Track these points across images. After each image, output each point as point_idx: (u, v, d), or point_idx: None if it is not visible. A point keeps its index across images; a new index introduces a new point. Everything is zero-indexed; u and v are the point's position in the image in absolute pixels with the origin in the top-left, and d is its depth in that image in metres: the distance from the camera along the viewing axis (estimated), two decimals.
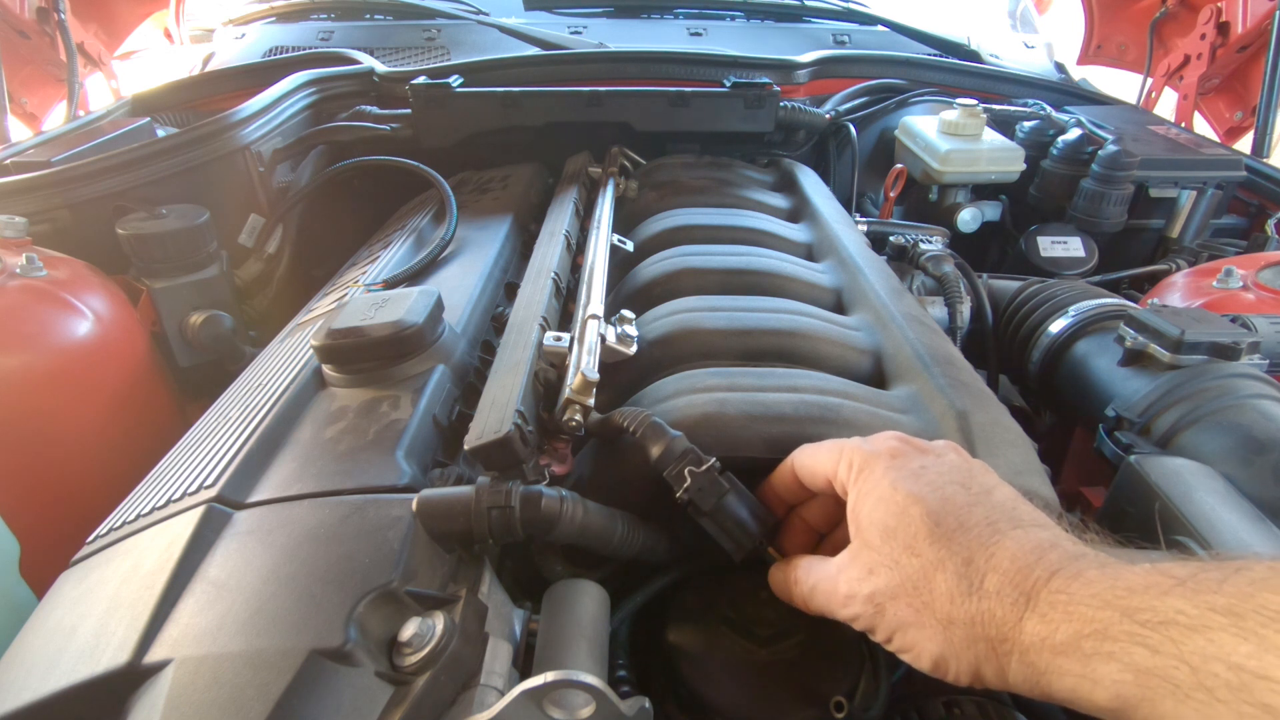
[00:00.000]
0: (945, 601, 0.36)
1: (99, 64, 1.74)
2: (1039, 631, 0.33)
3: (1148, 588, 0.31)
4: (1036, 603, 0.33)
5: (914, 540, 0.38)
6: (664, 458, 0.48)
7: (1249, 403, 0.63)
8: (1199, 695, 0.28)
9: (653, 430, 0.49)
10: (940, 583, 0.36)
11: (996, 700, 0.47)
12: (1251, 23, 1.49)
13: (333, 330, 0.60)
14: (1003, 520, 0.38)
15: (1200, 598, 0.29)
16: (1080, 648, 0.31)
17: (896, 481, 0.40)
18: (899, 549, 0.38)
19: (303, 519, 0.45)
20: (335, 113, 1.30)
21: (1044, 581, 0.34)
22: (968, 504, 0.39)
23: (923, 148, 1.29)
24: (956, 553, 0.37)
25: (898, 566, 0.38)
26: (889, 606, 0.38)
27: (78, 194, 0.99)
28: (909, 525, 0.38)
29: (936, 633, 0.36)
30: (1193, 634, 0.29)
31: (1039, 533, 0.37)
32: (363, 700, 0.35)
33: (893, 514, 0.39)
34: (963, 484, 0.40)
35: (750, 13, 1.88)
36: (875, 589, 0.39)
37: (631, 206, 1.05)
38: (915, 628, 0.37)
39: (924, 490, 0.40)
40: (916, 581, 0.37)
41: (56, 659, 0.39)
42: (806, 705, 0.46)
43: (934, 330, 0.71)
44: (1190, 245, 1.23)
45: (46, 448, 0.78)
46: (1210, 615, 0.29)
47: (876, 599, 0.39)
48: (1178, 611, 0.29)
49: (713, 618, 0.50)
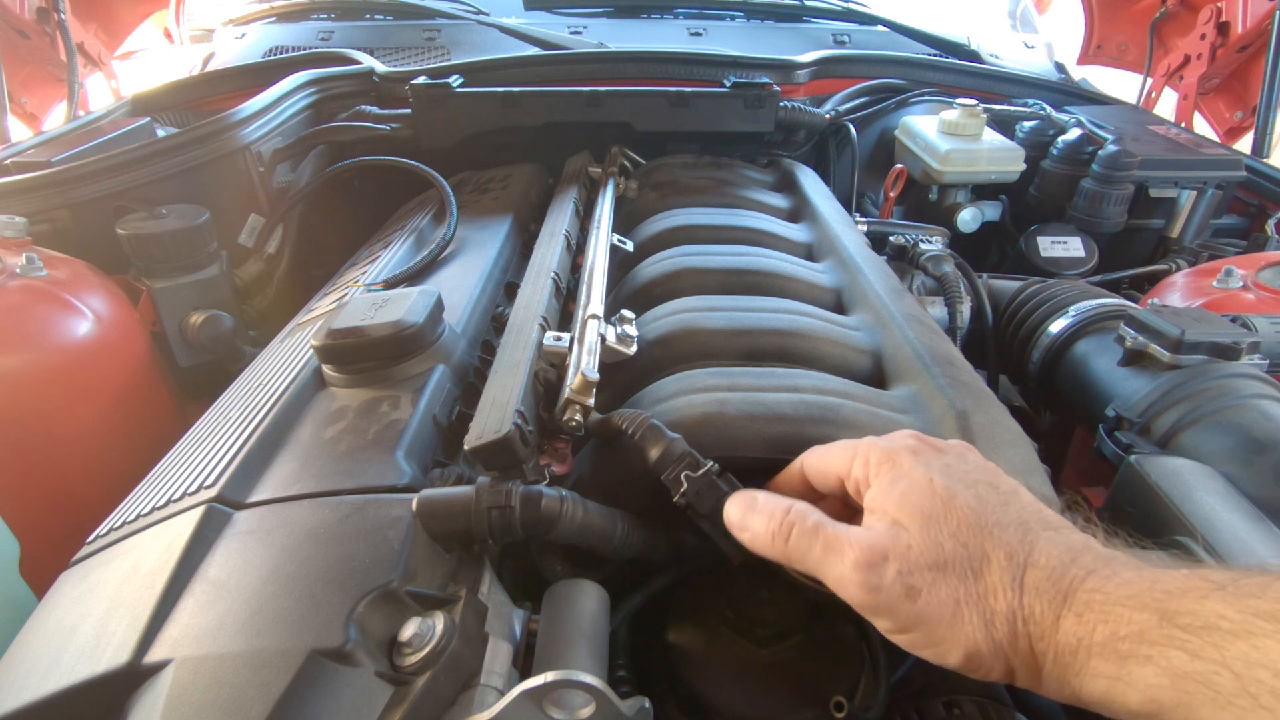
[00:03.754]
0: (992, 595, 0.35)
1: (99, 64, 1.74)
2: (1075, 631, 0.32)
3: (1186, 591, 0.31)
4: (1073, 602, 0.33)
5: (959, 529, 0.37)
6: (662, 461, 0.48)
7: (1249, 403, 0.63)
8: (1241, 701, 0.27)
9: (651, 433, 0.49)
10: (990, 575, 0.35)
11: (996, 700, 0.47)
12: (1251, 23, 1.50)
13: (333, 330, 0.60)
14: (1034, 521, 0.37)
15: (1243, 603, 0.29)
16: (1116, 649, 0.31)
17: (931, 472, 0.39)
18: (944, 534, 0.37)
19: (303, 519, 0.45)
20: (335, 113, 1.30)
21: (1080, 580, 0.33)
22: (1000, 503, 0.38)
23: (923, 148, 1.29)
24: (999, 547, 0.36)
25: (941, 550, 0.36)
26: (925, 592, 0.36)
27: (78, 194, 0.99)
28: (952, 514, 0.37)
29: (976, 627, 0.35)
30: (1236, 639, 0.28)
31: (1071, 534, 0.36)
32: (363, 700, 0.35)
33: (930, 500, 0.38)
34: (991, 484, 0.40)
35: (750, 13, 1.88)
36: (910, 567, 0.36)
37: (631, 206, 1.05)
38: (951, 623, 0.35)
39: (958, 484, 0.39)
40: (962, 571, 0.36)
41: (56, 659, 0.39)
42: (806, 705, 0.46)
43: (934, 330, 0.70)
44: (1190, 245, 1.23)
45: (46, 448, 0.78)
46: (1255, 621, 0.28)
47: (908, 579, 0.36)
48: (1220, 616, 0.29)
49: (713, 618, 0.50)
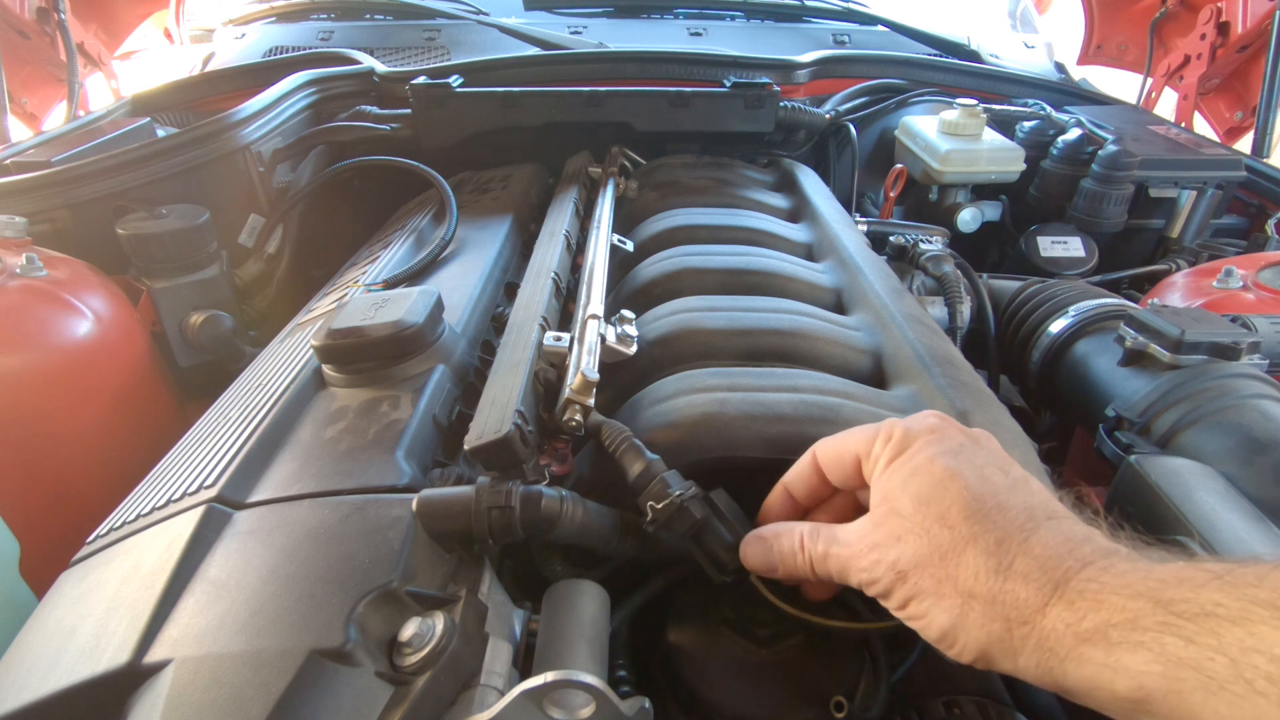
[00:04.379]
0: (970, 576, 0.36)
1: (99, 64, 1.74)
2: (1064, 617, 0.33)
3: (1182, 581, 0.31)
4: (1065, 590, 0.33)
5: (948, 512, 0.38)
6: (636, 483, 0.48)
7: (1249, 403, 0.63)
8: (1235, 687, 0.27)
9: (630, 452, 0.49)
10: (970, 557, 0.36)
11: (996, 700, 0.47)
12: (1251, 23, 1.50)
13: (333, 330, 0.60)
14: (1040, 509, 0.38)
15: (1240, 591, 0.29)
16: (1107, 636, 0.31)
17: (936, 456, 0.40)
18: (931, 518, 0.38)
19: (303, 519, 0.45)
20: (335, 113, 1.30)
21: (1075, 571, 0.34)
22: (1007, 488, 0.39)
23: (923, 148, 1.29)
24: (990, 531, 0.36)
25: (928, 535, 0.38)
26: (911, 574, 0.38)
27: (78, 194, 0.99)
28: (945, 497, 0.38)
29: (953, 605, 0.36)
30: (1233, 626, 0.28)
31: (1074, 525, 0.37)
32: (363, 700, 0.35)
33: (929, 485, 0.39)
34: (1002, 469, 0.40)
35: (750, 13, 1.88)
36: (900, 555, 0.38)
37: (631, 206, 1.05)
38: (933, 597, 0.37)
39: (963, 467, 0.39)
40: (945, 552, 0.37)
41: (56, 659, 0.39)
42: (806, 705, 0.46)
43: (934, 330, 0.70)
44: (1190, 245, 1.23)
45: (46, 448, 0.78)
46: (1252, 608, 0.28)
47: (900, 565, 0.38)
48: (1216, 604, 0.29)
49: (713, 618, 0.50)
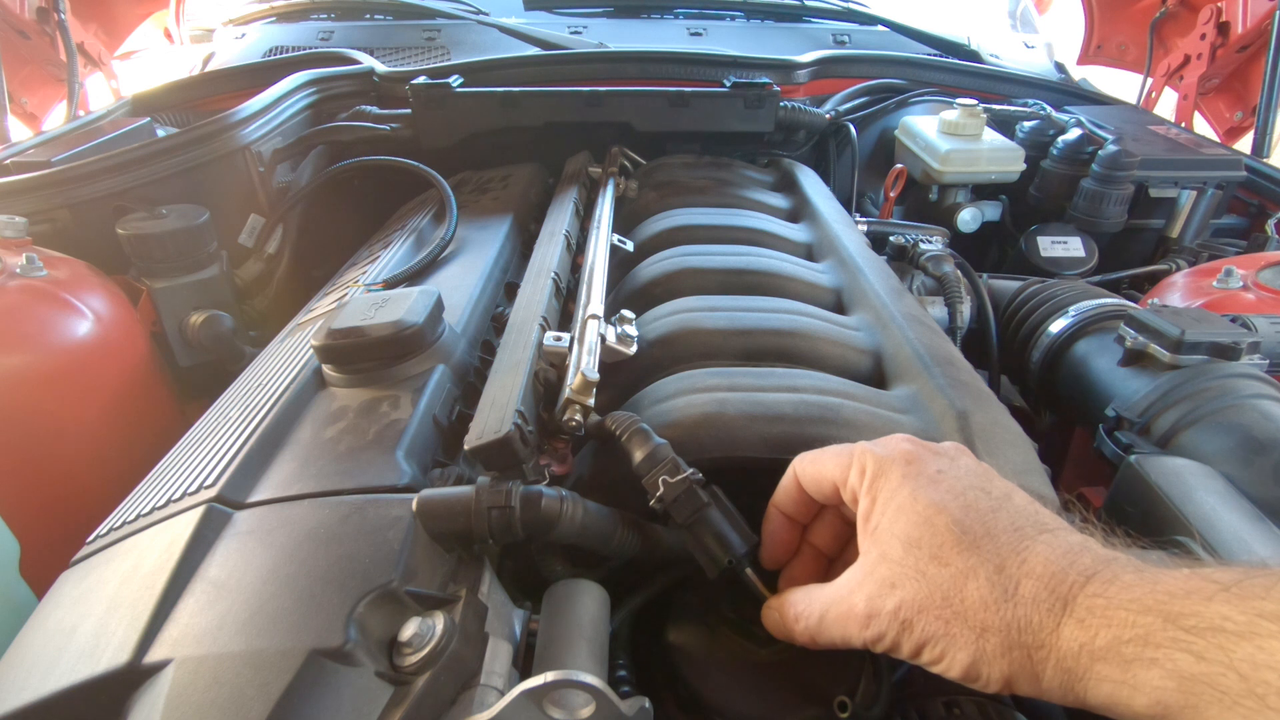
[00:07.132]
0: (978, 609, 0.35)
1: (99, 64, 1.74)
2: (1077, 637, 0.32)
3: (1189, 593, 0.30)
4: (1074, 608, 0.33)
5: (940, 549, 0.37)
6: (644, 464, 0.48)
7: (1249, 403, 0.63)
8: (1248, 702, 0.27)
9: (638, 435, 0.49)
10: (972, 591, 0.35)
11: (997, 700, 0.47)
12: (1251, 23, 1.49)
13: (333, 330, 0.60)
14: (1028, 525, 0.37)
15: (1248, 604, 0.29)
16: (1121, 653, 0.31)
17: (916, 490, 0.39)
18: (925, 559, 0.37)
19: (303, 519, 0.45)
20: (335, 113, 1.30)
21: (1080, 586, 0.33)
22: (991, 509, 0.38)
23: (923, 148, 1.29)
24: (987, 559, 0.35)
25: (924, 577, 0.37)
26: (917, 621, 0.36)
27: (78, 194, 0.99)
28: (934, 535, 0.37)
29: (969, 641, 0.35)
30: (1242, 640, 0.28)
31: (1068, 536, 0.36)
32: (363, 700, 0.35)
33: (915, 524, 0.38)
34: (983, 489, 0.39)
35: (750, 13, 1.88)
36: (901, 602, 0.37)
37: (631, 206, 1.05)
38: (946, 638, 0.36)
39: (945, 497, 0.38)
40: (946, 591, 0.36)
41: (56, 659, 0.39)
42: (807, 705, 0.46)
43: (934, 330, 0.70)
44: (1190, 245, 1.23)
45: (47, 448, 0.78)
46: (1260, 622, 0.28)
47: (902, 613, 0.37)
48: (1224, 618, 0.29)
49: (713, 618, 0.50)
